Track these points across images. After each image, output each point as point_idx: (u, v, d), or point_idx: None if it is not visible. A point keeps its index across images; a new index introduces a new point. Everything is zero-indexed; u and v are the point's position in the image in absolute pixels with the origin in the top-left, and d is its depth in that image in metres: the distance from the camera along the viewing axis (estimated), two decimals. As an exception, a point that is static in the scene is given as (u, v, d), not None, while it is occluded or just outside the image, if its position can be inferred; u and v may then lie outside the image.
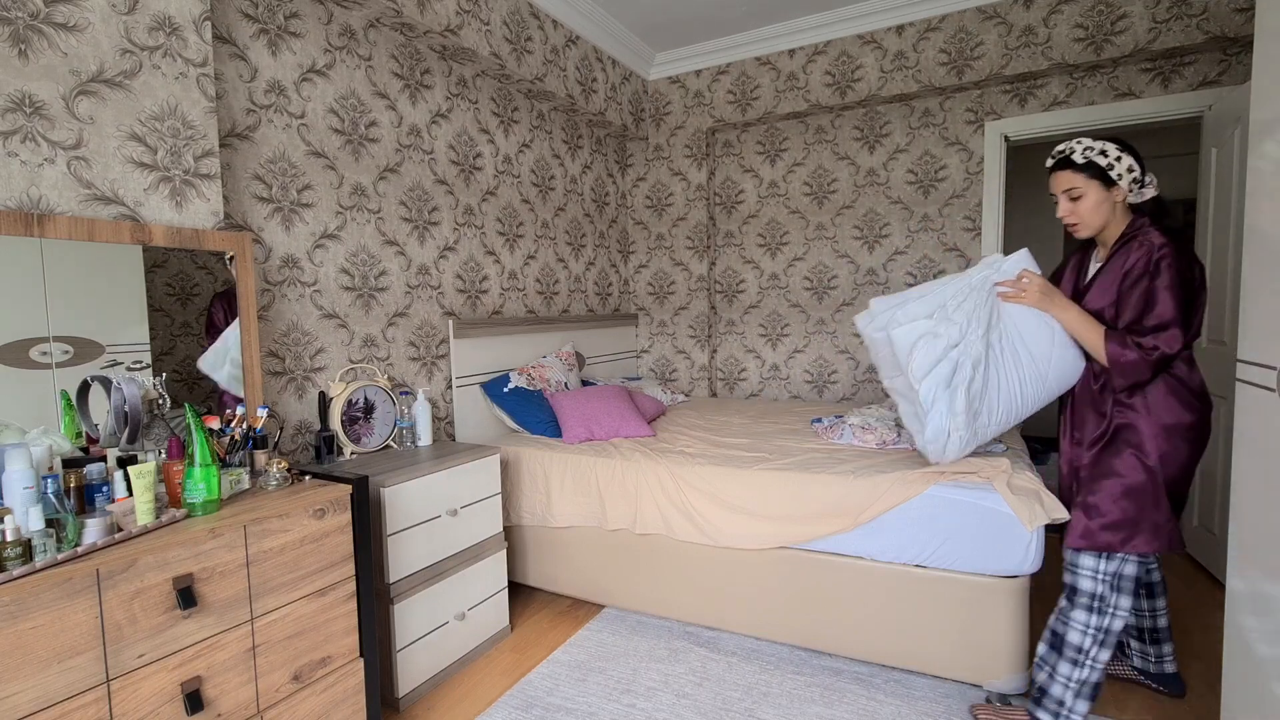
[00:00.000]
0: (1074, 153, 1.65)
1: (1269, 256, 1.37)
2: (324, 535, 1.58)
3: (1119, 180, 1.60)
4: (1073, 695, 1.63)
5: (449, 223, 2.75)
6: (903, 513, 1.95)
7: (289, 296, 2.10)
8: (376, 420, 2.28)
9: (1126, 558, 1.60)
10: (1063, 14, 2.91)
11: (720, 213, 4.02)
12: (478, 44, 2.63)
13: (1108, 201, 1.63)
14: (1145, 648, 1.93)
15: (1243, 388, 1.46)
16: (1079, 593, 1.65)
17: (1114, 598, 1.61)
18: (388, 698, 1.95)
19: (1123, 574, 1.61)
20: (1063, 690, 1.65)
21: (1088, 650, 1.62)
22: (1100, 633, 1.61)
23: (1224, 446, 2.61)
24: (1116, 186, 1.61)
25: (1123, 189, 1.61)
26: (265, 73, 2.01)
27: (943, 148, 3.37)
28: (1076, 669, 1.63)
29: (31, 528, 1.17)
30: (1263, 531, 1.36)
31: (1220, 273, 2.67)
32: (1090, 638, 1.62)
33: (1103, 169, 1.61)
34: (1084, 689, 1.63)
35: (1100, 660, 1.62)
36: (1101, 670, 1.63)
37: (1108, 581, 1.62)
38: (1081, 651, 1.63)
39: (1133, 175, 1.60)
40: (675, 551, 2.30)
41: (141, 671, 1.23)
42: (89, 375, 1.50)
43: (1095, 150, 1.62)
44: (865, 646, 2.04)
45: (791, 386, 3.88)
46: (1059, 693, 1.65)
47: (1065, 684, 1.64)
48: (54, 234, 1.42)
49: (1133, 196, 1.63)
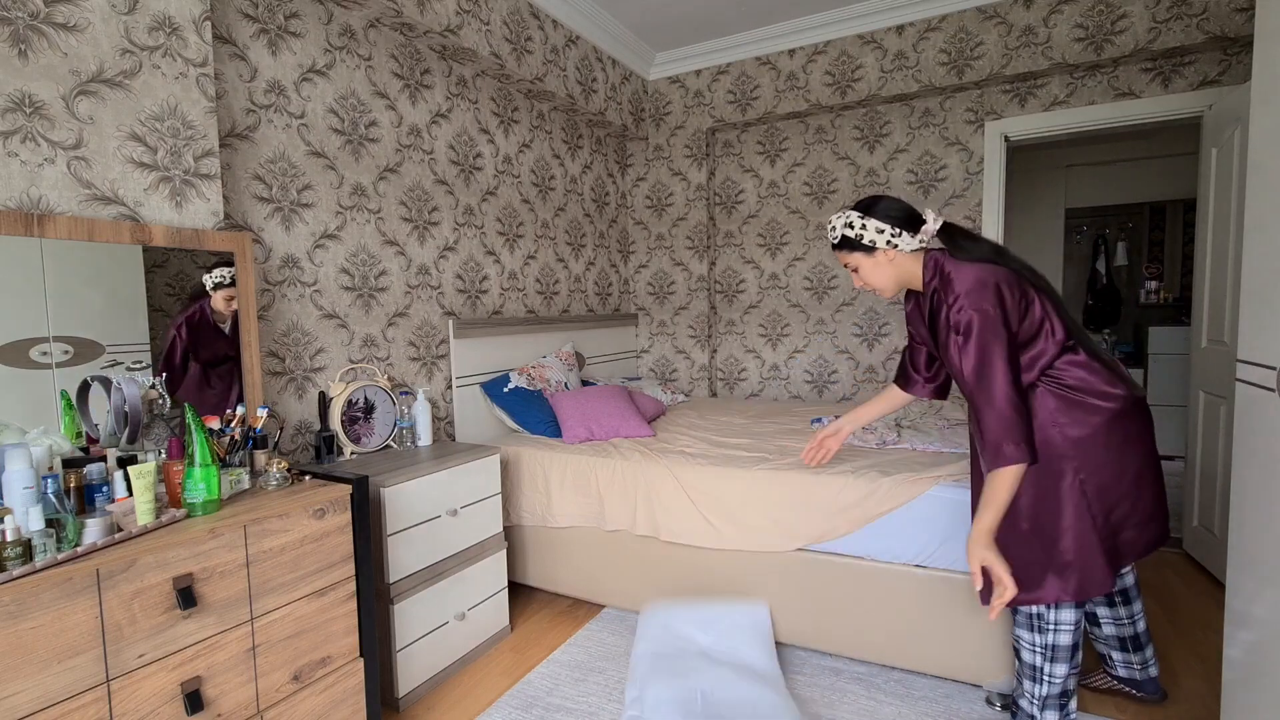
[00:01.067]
0: (833, 231, 1.63)
1: (1269, 257, 1.37)
2: (324, 535, 1.58)
3: (874, 245, 1.58)
4: (1039, 709, 1.66)
5: (449, 223, 2.75)
6: (903, 513, 1.95)
7: (289, 296, 2.10)
8: (376, 420, 2.28)
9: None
10: (1063, 14, 2.91)
11: (720, 213, 4.02)
12: (478, 44, 2.63)
13: (882, 263, 1.60)
14: (1129, 656, 1.87)
15: (1243, 388, 1.46)
16: (1019, 611, 1.66)
17: (1051, 614, 1.60)
18: (388, 698, 1.95)
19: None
20: (1029, 704, 1.68)
21: (1040, 667, 1.63)
22: (1048, 649, 1.62)
23: (1224, 446, 2.61)
24: (877, 249, 1.58)
25: (888, 249, 1.57)
26: (265, 73, 2.01)
27: (943, 148, 3.38)
28: (1036, 685, 1.65)
29: (31, 528, 1.17)
30: (1263, 531, 1.36)
31: (1220, 273, 2.67)
32: (1040, 655, 1.63)
33: (854, 240, 1.59)
34: (1048, 702, 1.64)
35: (1057, 675, 1.62)
36: (1060, 682, 1.62)
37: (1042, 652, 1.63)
38: (1035, 669, 1.64)
39: (884, 235, 1.56)
40: (675, 552, 2.30)
41: (141, 671, 1.23)
42: (89, 375, 1.50)
43: (842, 224, 1.60)
44: (865, 646, 2.04)
45: (791, 386, 3.88)
46: (1026, 707, 1.69)
47: (1030, 699, 1.67)
48: (54, 234, 1.42)
49: (911, 245, 1.57)
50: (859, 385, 3.69)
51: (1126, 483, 1.54)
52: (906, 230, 1.56)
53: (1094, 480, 1.52)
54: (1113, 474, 1.52)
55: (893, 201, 1.59)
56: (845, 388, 3.73)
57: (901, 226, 1.56)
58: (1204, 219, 2.82)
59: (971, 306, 1.45)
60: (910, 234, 1.56)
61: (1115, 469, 1.52)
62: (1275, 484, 1.31)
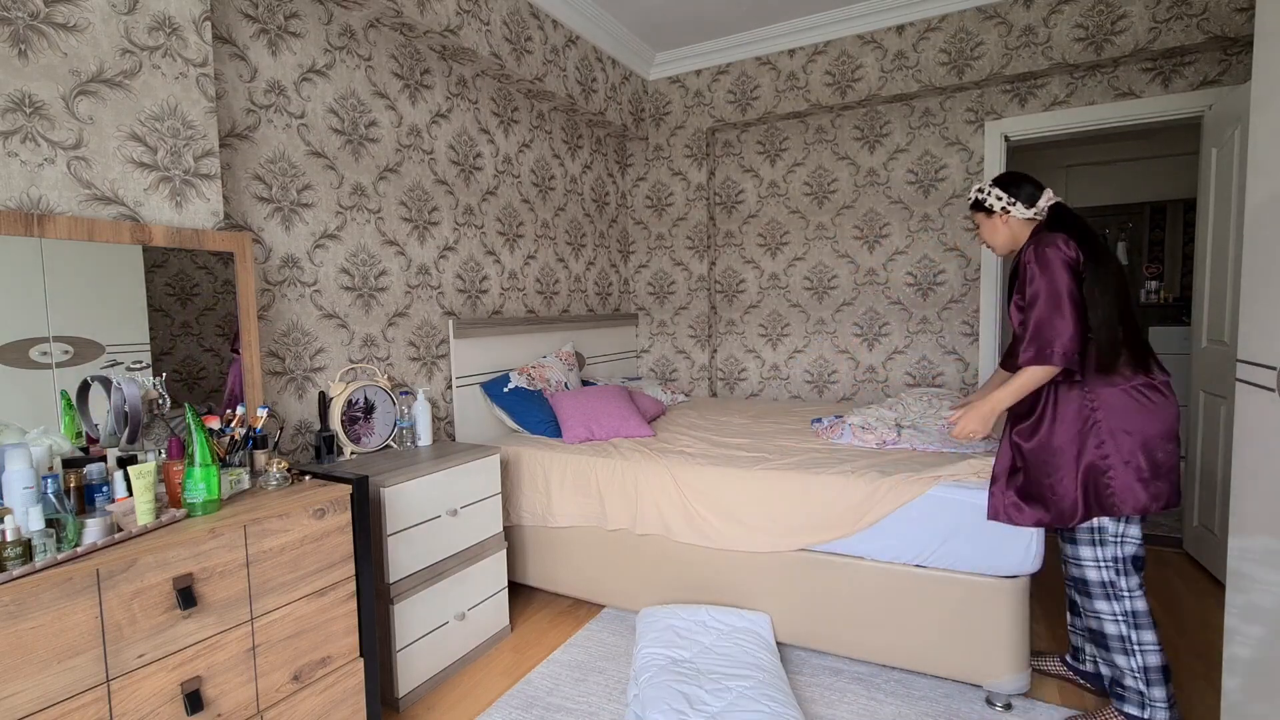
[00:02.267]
0: (968, 194, 2.00)
1: (1269, 257, 1.37)
2: (324, 535, 1.58)
3: (993, 209, 1.88)
4: (1145, 683, 1.70)
5: (449, 223, 2.75)
6: (903, 513, 1.95)
7: (289, 296, 2.10)
8: (376, 420, 2.28)
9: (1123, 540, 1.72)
10: (1063, 14, 2.91)
11: (720, 213, 4.02)
12: (478, 44, 2.63)
13: (997, 225, 1.90)
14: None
15: (1242, 388, 1.46)
16: (1089, 583, 1.76)
17: (1124, 580, 1.72)
18: (388, 698, 1.95)
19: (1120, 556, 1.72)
20: (1134, 681, 1.72)
21: (1127, 636, 1.72)
22: (1128, 616, 1.72)
23: (1224, 446, 2.61)
24: (995, 213, 1.89)
25: (1002, 214, 1.88)
26: (265, 73, 2.01)
27: (943, 148, 3.37)
28: (1129, 658, 1.72)
29: (31, 528, 1.17)
30: (1263, 531, 1.36)
31: (1220, 273, 2.67)
32: (1124, 623, 1.72)
33: (980, 203, 1.91)
34: (1149, 673, 1.70)
35: (1149, 642, 1.70)
36: (1155, 650, 1.70)
37: (1110, 567, 1.73)
38: (1123, 639, 1.72)
39: (1001, 202, 1.86)
40: (675, 552, 2.30)
41: (141, 671, 1.23)
42: (89, 375, 1.50)
43: (975, 189, 1.94)
44: (865, 646, 2.04)
45: (791, 386, 3.88)
46: (1132, 684, 1.72)
47: (1132, 674, 1.72)
48: (54, 234, 1.42)
49: (1023, 214, 1.85)
50: (859, 385, 3.68)
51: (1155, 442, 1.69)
52: (1022, 202, 1.84)
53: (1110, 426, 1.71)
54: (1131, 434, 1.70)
55: (1017, 177, 1.88)
56: (845, 388, 3.73)
57: (1017, 198, 1.85)
58: (1204, 219, 2.82)
59: (1046, 245, 1.72)
60: (1025, 206, 1.84)
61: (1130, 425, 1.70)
62: (1275, 484, 1.31)
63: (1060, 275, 1.68)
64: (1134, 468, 1.67)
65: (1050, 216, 1.82)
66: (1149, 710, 1.70)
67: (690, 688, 1.83)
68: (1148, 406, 1.68)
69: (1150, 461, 1.67)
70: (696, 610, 2.19)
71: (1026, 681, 1.85)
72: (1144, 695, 1.70)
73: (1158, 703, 1.69)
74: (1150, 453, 1.67)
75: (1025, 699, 1.92)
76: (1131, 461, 1.67)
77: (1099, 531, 1.74)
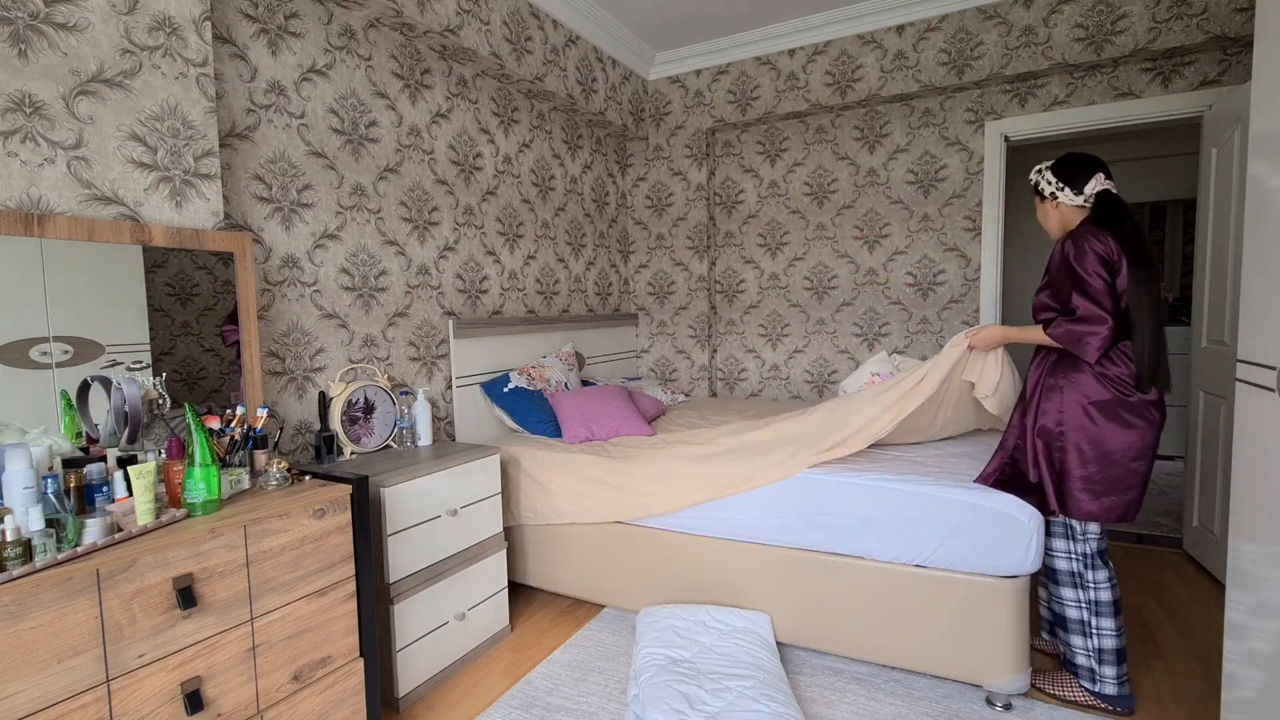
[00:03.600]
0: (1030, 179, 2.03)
1: (1269, 257, 1.37)
2: (324, 535, 1.58)
3: (1044, 192, 1.93)
4: (1096, 662, 1.85)
5: (449, 223, 2.75)
6: (903, 512, 1.95)
7: (289, 296, 2.10)
8: (376, 420, 2.28)
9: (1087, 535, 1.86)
10: (1063, 14, 2.91)
11: (720, 213, 4.02)
12: (478, 44, 2.63)
13: (1049, 209, 1.95)
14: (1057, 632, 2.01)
15: (1242, 388, 1.46)
16: (1059, 572, 1.92)
17: (1090, 574, 1.86)
18: (388, 697, 1.95)
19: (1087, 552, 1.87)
20: (1086, 659, 1.87)
21: (1087, 621, 1.86)
22: (1091, 605, 1.86)
23: (1224, 446, 2.61)
24: (1047, 198, 1.93)
25: (1051, 199, 1.92)
26: (265, 73, 2.01)
27: (943, 148, 3.37)
28: (1086, 639, 1.87)
29: (31, 528, 1.17)
30: (1263, 531, 1.36)
31: (1220, 273, 2.67)
32: (1085, 610, 1.87)
33: (1034, 186, 1.96)
34: (1102, 654, 1.84)
35: (1107, 628, 1.84)
36: (1112, 634, 1.83)
37: (1079, 560, 1.88)
38: (1083, 624, 1.87)
39: (1051, 187, 1.90)
40: (675, 552, 2.30)
41: (141, 671, 1.23)
42: (89, 375, 1.50)
43: (1034, 172, 1.97)
44: (865, 646, 2.04)
45: (791, 386, 3.88)
46: (1084, 662, 1.88)
47: (1085, 654, 1.87)
48: (54, 234, 1.42)
49: (1073, 200, 1.88)
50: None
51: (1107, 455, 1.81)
52: (1070, 188, 1.87)
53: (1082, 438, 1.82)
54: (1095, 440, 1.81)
55: (1073, 160, 1.89)
56: (845, 388, 3.73)
57: (1067, 184, 1.87)
58: (1204, 219, 2.82)
59: (1082, 239, 1.78)
60: (1074, 192, 1.86)
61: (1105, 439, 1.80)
62: (1275, 484, 1.31)
63: (1098, 270, 1.74)
64: (1084, 478, 1.80)
65: (1096, 208, 1.84)
66: (1099, 684, 1.86)
67: (690, 688, 1.83)
68: (1120, 426, 1.77)
69: (1105, 476, 1.78)
70: (696, 610, 2.19)
71: (1026, 681, 1.85)
72: (1094, 672, 1.86)
73: (1107, 679, 1.84)
74: (1107, 468, 1.78)
75: (1025, 699, 1.92)
76: (1085, 472, 1.80)
77: (1069, 526, 1.89)
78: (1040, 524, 1.81)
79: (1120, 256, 1.75)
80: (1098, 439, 1.78)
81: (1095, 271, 1.74)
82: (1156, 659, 2.14)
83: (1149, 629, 2.33)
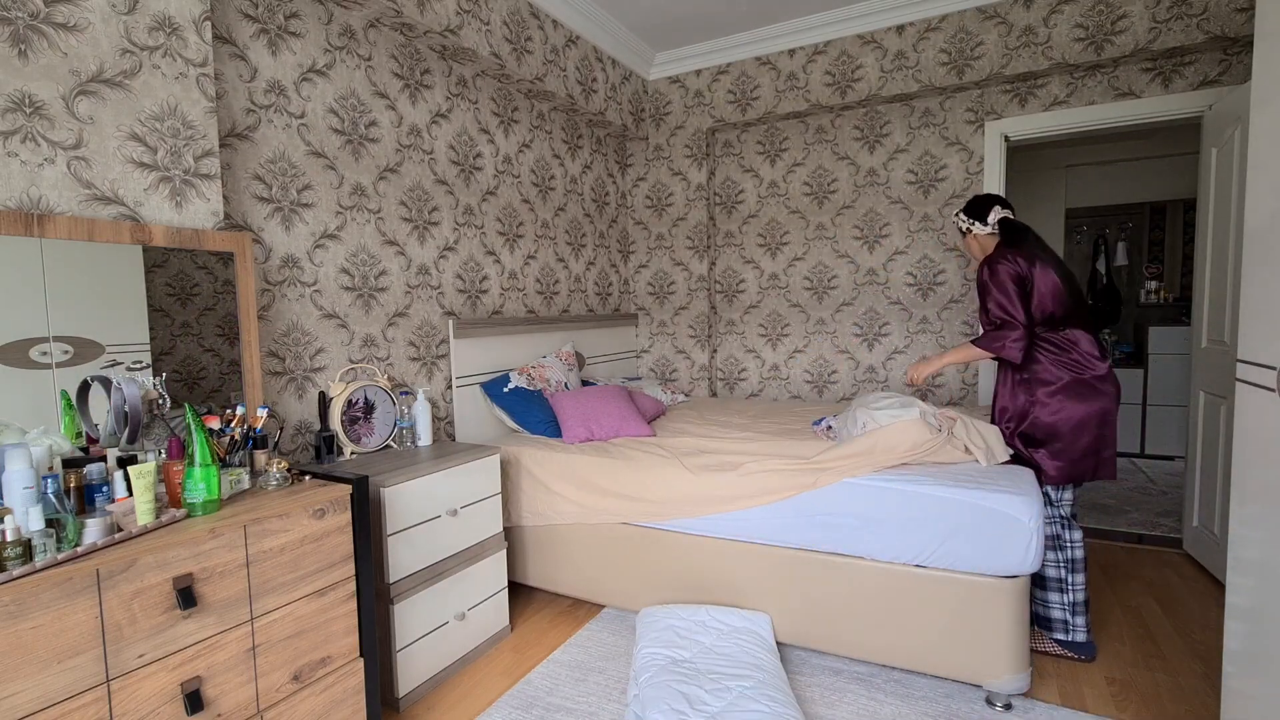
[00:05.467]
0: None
1: (1268, 257, 1.37)
2: (324, 535, 1.58)
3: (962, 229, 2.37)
4: (1070, 613, 2.10)
5: (449, 223, 2.75)
6: (902, 512, 1.95)
7: (289, 296, 2.10)
8: (376, 420, 2.28)
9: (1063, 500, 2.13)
10: (1063, 14, 2.91)
11: (720, 213, 4.02)
12: (478, 44, 2.63)
13: (971, 242, 2.36)
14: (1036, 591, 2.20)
15: (1242, 388, 1.46)
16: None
17: (1067, 534, 2.12)
18: (388, 698, 1.95)
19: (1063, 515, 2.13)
20: (1061, 612, 2.11)
21: (1065, 579, 2.11)
22: (1069, 563, 2.11)
23: (1224, 446, 2.61)
24: (964, 233, 2.37)
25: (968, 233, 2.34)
26: (265, 73, 2.01)
27: (943, 148, 3.38)
28: (1063, 595, 2.11)
29: (31, 528, 1.17)
30: (1263, 531, 1.36)
31: (1220, 273, 2.67)
32: (1063, 569, 2.11)
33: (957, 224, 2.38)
34: (1075, 606, 2.10)
35: (1078, 583, 2.10)
36: (1083, 589, 2.10)
37: (1057, 522, 2.12)
38: (1060, 581, 2.11)
39: (965, 223, 2.34)
40: (675, 552, 2.30)
41: (141, 671, 1.23)
42: (89, 375, 1.50)
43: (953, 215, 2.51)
44: (865, 646, 2.04)
45: (791, 386, 3.88)
46: (1060, 615, 2.11)
47: (1061, 608, 2.11)
48: (54, 234, 1.42)
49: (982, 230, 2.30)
50: (859, 385, 3.69)
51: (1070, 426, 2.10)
52: (979, 221, 2.29)
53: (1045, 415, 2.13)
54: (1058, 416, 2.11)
55: (977, 200, 2.31)
56: (845, 388, 3.73)
57: (975, 219, 2.30)
58: (1204, 219, 2.82)
59: (997, 261, 2.15)
60: (981, 224, 2.29)
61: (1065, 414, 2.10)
62: (1275, 484, 1.31)
63: (1008, 285, 2.11)
64: (1055, 447, 2.09)
65: (1002, 231, 2.26)
66: (1072, 634, 2.10)
67: (690, 688, 1.83)
68: (1079, 400, 2.07)
69: (1068, 444, 2.08)
70: (696, 610, 2.19)
71: (1026, 681, 1.85)
72: (1068, 623, 2.10)
73: (1078, 628, 2.10)
74: (1069, 437, 2.07)
75: (1025, 699, 1.92)
76: (1053, 441, 2.09)
77: (1046, 494, 2.14)
78: (1041, 524, 1.81)
79: (1031, 267, 2.10)
80: (1062, 415, 2.09)
81: (1005, 285, 2.10)
82: (1156, 659, 2.14)
83: (1149, 629, 2.33)
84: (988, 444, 2.13)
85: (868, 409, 2.31)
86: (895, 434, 2.12)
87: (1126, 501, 3.77)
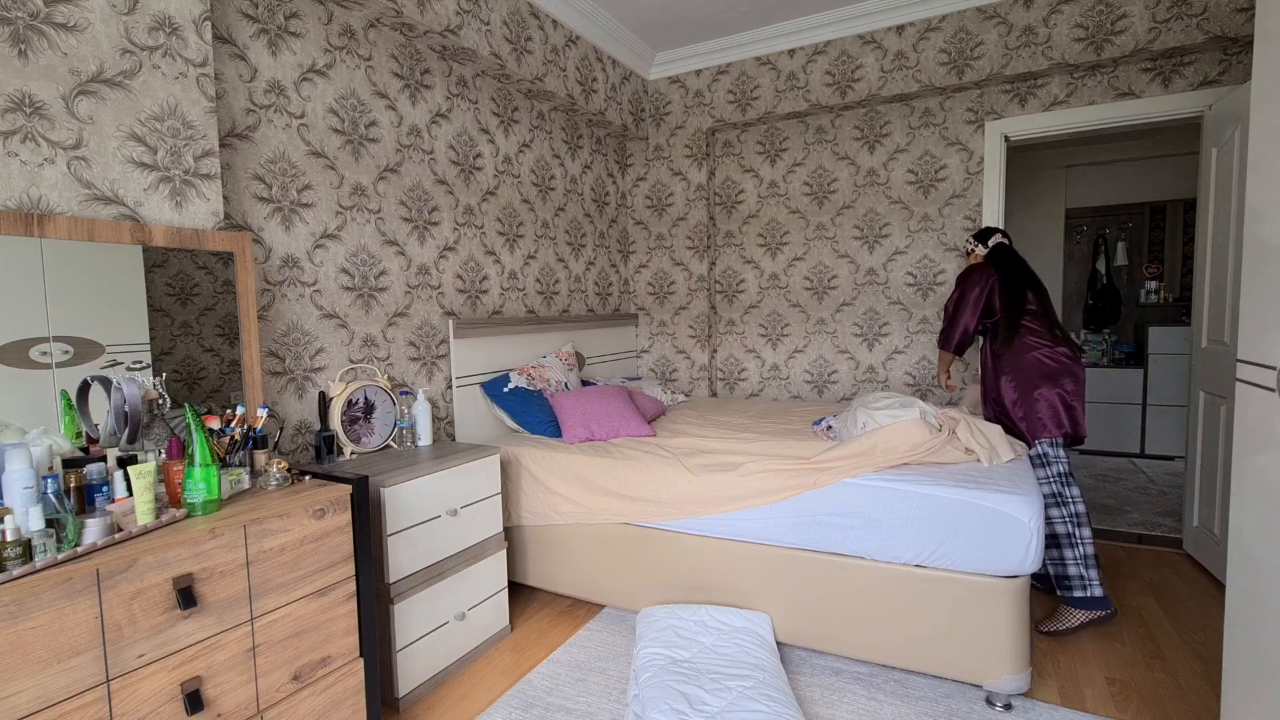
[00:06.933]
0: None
1: (1268, 257, 1.37)
2: (324, 535, 1.58)
3: (967, 250, 2.76)
4: (1084, 567, 2.22)
5: (449, 223, 2.75)
6: (902, 513, 1.95)
7: (289, 296, 2.10)
8: (376, 420, 2.28)
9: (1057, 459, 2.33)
10: (1063, 14, 2.91)
11: (720, 213, 4.02)
12: (478, 44, 2.63)
13: (973, 259, 2.71)
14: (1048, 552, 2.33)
15: (1243, 388, 1.46)
16: (1044, 496, 2.20)
17: (1067, 490, 2.30)
18: (388, 698, 1.95)
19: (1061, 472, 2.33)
20: (1076, 568, 2.23)
21: (1073, 533, 2.25)
22: (1074, 518, 2.27)
23: (1224, 446, 2.61)
24: (969, 253, 2.75)
25: (973, 254, 2.72)
26: (265, 73, 2.01)
27: (943, 148, 3.37)
28: (1074, 549, 2.25)
29: (31, 528, 1.17)
30: (1263, 531, 1.36)
31: (1220, 273, 2.67)
32: (1070, 524, 2.26)
33: (963, 246, 2.96)
34: (1088, 560, 2.23)
35: (1086, 536, 2.25)
36: (1090, 542, 2.25)
37: (1057, 480, 2.31)
38: (1070, 535, 2.26)
39: (972, 245, 2.72)
40: (675, 552, 2.30)
41: (141, 671, 1.23)
42: (89, 375, 1.50)
43: (965, 240, 2.95)
44: (865, 646, 2.04)
45: (792, 386, 3.88)
46: (1075, 571, 2.23)
47: (1075, 563, 2.23)
48: (54, 234, 1.42)
49: (983, 251, 2.67)
50: (859, 385, 3.68)
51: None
52: (981, 245, 2.68)
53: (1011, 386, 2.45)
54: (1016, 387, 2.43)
55: (984, 230, 2.70)
56: (845, 388, 3.73)
57: (979, 242, 2.69)
58: (1204, 219, 2.82)
59: (971, 272, 2.57)
60: (982, 247, 2.67)
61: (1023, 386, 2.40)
62: (1275, 484, 1.31)
63: (969, 292, 2.52)
64: (1045, 405, 2.33)
65: (990, 252, 2.62)
66: (1089, 589, 2.21)
67: (690, 688, 1.83)
68: (1050, 368, 2.35)
69: (1049, 404, 2.32)
70: (696, 610, 2.19)
71: (1026, 681, 1.85)
72: (1084, 577, 2.22)
73: (1093, 581, 2.22)
74: (1050, 397, 2.32)
75: (1025, 699, 1.92)
76: (1040, 401, 2.33)
77: (1042, 456, 2.34)
78: (1041, 524, 1.81)
79: (990, 277, 2.49)
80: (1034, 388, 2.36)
81: (964, 293, 2.53)
82: (1156, 659, 2.14)
83: (1149, 629, 2.33)
84: (991, 443, 2.13)
85: (868, 409, 2.32)
86: (895, 434, 2.12)
87: (1126, 501, 3.77)
